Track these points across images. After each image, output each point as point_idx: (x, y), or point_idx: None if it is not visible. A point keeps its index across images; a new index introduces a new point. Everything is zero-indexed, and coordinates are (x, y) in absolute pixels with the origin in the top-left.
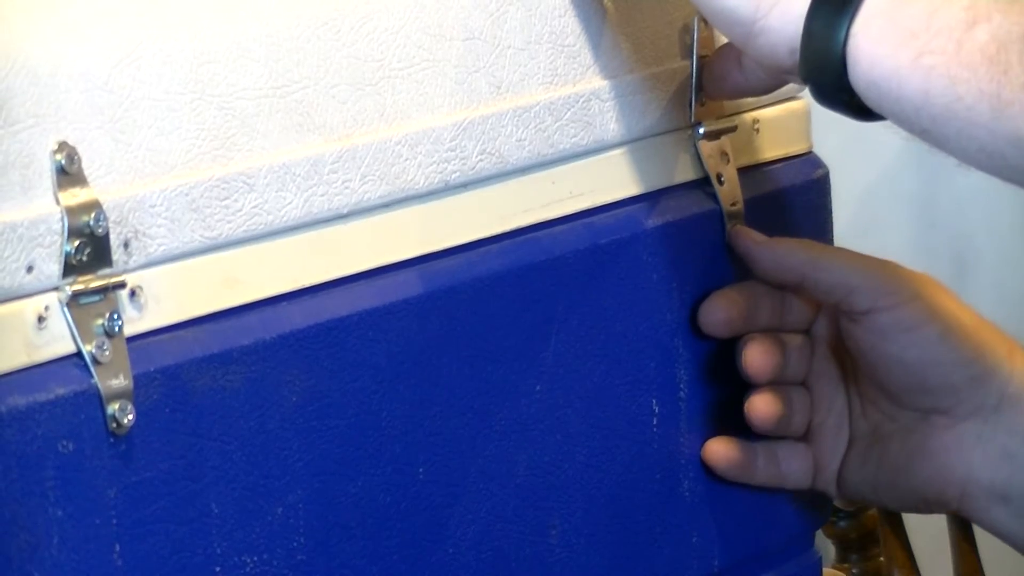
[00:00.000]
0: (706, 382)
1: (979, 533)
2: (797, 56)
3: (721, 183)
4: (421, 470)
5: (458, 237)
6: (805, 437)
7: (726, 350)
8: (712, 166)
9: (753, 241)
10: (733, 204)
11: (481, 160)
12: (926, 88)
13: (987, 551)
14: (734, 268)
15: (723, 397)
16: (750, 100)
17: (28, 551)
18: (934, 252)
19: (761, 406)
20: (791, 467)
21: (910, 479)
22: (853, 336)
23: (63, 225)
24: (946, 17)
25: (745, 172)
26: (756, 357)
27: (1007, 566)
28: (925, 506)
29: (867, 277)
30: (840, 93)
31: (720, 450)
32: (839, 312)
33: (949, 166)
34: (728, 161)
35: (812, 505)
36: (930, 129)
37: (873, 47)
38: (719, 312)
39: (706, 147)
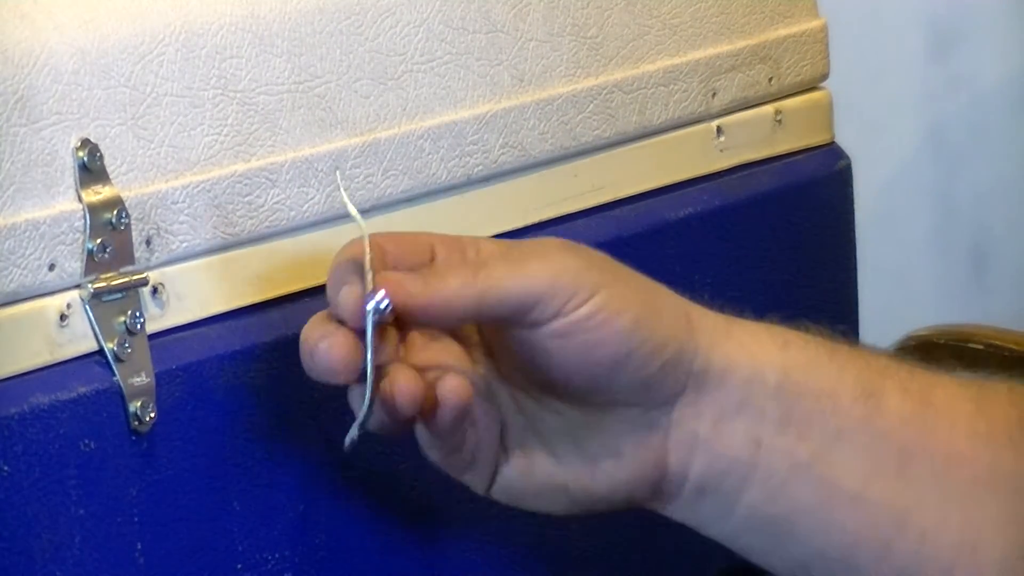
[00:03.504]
0: None
1: None
2: None
3: None
4: None
5: (481, 231)
6: None
7: None
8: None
9: (409, 294)
10: None
11: (503, 153)
12: None
13: None
14: (759, 260)
15: None
16: (772, 90)
17: (50, 550)
18: (952, 244)
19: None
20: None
21: (593, 480)
22: (525, 342)
23: (85, 222)
24: None
25: (767, 163)
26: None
27: None
28: (607, 507)
29: (546, 284)
30: None
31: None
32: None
33: (968, 158)
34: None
35: None
36: None
37: None
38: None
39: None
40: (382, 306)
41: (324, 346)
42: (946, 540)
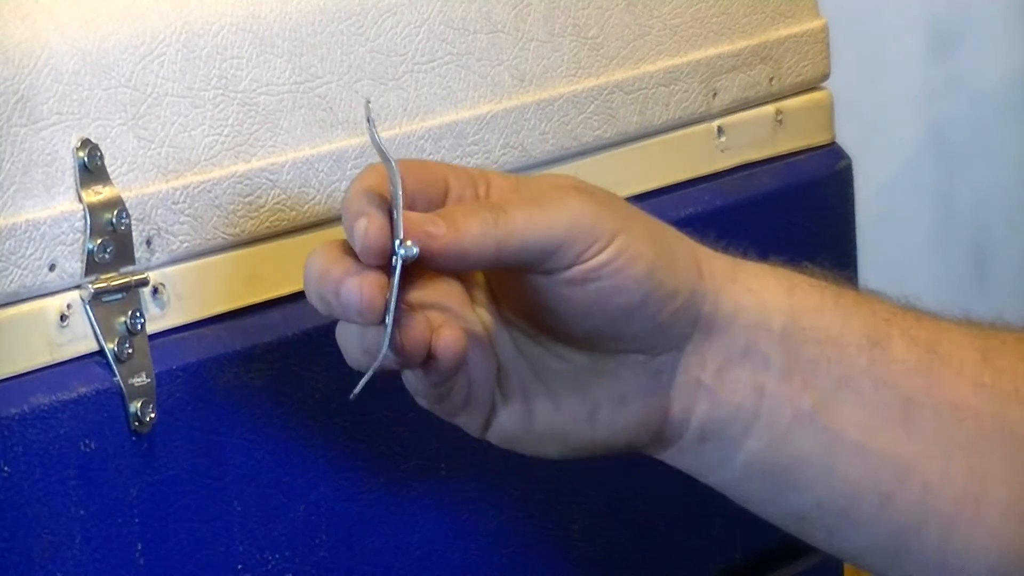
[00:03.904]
0: None
1: None
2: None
3: None
4: (443, 466)
5: None
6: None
7: None
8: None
9: (431, 236)
10: None
11: (504, 154)
12: None
13: None
14: (759, 260)
15: None
16: (773, 90)
17: (50, 551)
18: (952, 244)
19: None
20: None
21: (593, 427)
22: (538, 288)
23: (85, 223)
24: None
25: (768, 163)
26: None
27: None
28: (605, 452)
29: (566, 231)
30: None
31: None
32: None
33: (968, 158)
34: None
35: None
36: None
37: None
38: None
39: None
40: (414, 251)
41: (353, 284)
42: (949, 493)
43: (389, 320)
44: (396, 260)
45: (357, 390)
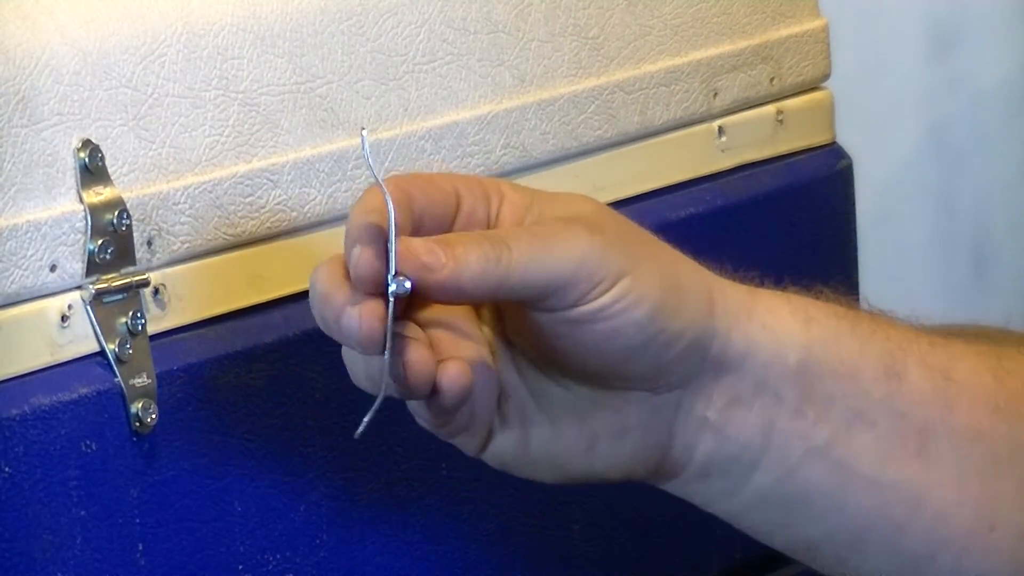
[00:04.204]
0: None
1: None
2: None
3: None
4: (444, 465)
5: None
6: None
7: None
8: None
9: (427, 268)
10: None
11: (505, 154)
12: None
13: None
14: (760, 260)
15: None
16: (774, 90)
17: (51, 551)
18: (953, 245)
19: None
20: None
21: (591, 459)
22: (537, 324)
23: (86, 223)
24: None
25: (769, 163)
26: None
27: None
28: (603, 482)
29: (571, 272)
30: None
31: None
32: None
33: (968, 158)
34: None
35: None
36: None
37: None
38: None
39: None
40: (406, 287)
41: (353, 314)
42: (963, 520)
43: (387, 357)
44: (389, 296)
45: (361, 429)
